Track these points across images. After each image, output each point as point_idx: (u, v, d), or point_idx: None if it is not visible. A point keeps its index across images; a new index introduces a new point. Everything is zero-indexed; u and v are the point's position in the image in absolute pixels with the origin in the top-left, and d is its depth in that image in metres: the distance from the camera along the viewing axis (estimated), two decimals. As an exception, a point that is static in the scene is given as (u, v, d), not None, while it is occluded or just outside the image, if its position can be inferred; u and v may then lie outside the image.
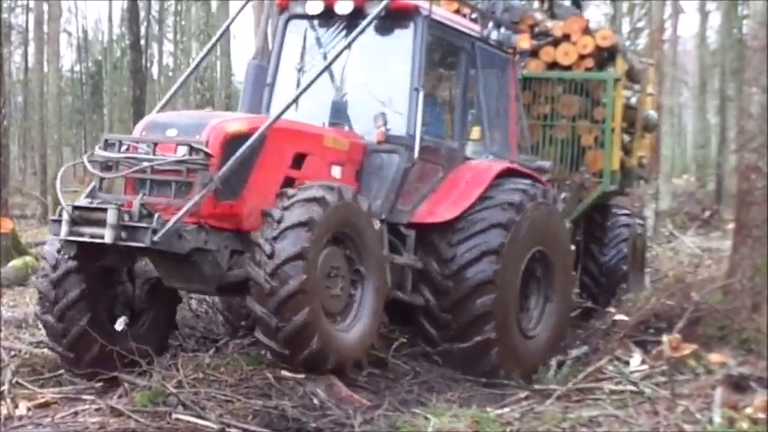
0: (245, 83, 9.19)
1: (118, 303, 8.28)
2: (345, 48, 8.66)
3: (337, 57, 8.59)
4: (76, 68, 48.53)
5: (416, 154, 8.66)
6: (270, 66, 9.47)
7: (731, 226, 10.93)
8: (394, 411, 7.60)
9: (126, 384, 7.63)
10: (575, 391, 7.70)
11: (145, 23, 36.93)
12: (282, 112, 8.01)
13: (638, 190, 19.06)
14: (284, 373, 7.58)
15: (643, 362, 8.16)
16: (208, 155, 7.40)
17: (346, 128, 8.96)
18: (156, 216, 7.19)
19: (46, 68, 30.83)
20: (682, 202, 27.11)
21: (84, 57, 48.36)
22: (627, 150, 12.48)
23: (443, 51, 9.64)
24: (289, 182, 8.04)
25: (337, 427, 7.16)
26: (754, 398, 6.66)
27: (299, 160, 8.21)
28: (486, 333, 8.68)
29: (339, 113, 9.05)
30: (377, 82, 9.20)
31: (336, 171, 8.51)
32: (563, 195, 10.96)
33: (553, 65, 11.86)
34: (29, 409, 7.51)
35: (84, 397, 7.64)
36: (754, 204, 8.76)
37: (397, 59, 9.08)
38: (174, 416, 6.88)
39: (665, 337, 7.79)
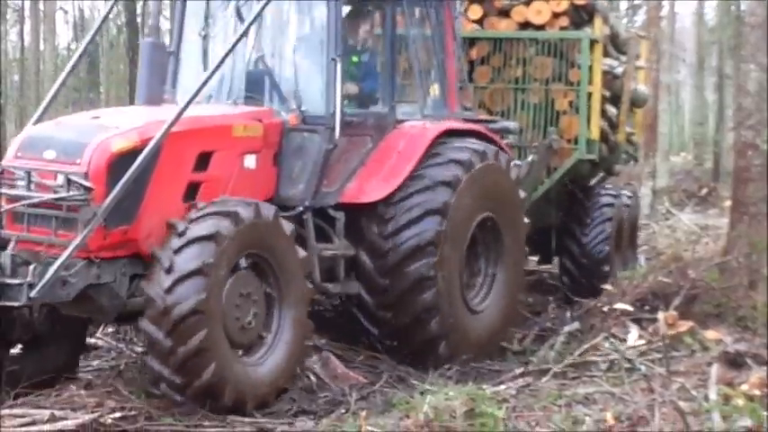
0: (141, 66, 7.89)
1: (16, 328, 7.26)
2: (256, 17, 7.62)
3: (247, 30, 7.57)
4: (73, 46, 48.35)
5: (337, 134, 7.77)
6: (173, 33, 8.54)
7: (728, 203, 10.93)
8: (390, 388, 7.61)
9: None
10: (570, 368, 7.72)
11: (141, 1, 36.77)
12: (179, 115, 6.89)
13: (635, 168, 18.98)
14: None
15: (641, 338, 8.17)
16: (88, 189, 6.50)
17: (265, 104, 8.00)
18: (32, 267, 6.31)
19: (42, 47, 30.68)
20: (679, 180, 27.05)
21: (81, 35, 48.14)
22: (612, 124, 11.78)
23: (365, 3, 8.66)
24: (193, 187, 7.19)
25: (333, 406, 7.17)
26: (750, 375, 6.67)
27: (204, 159, 7.26)
28: (425, 300, 8.02)
29: (255, 86, 8.06)
30: (291, 51, 8.27)
31: (250, 160, 7.62)
32: (530, 158, 10.33)
33: (526, 25, 11.02)
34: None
35: (81, 375, 7.62)
36: (750, 182, 8.75)
37: (311, 25, 8.21)
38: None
39: (660, 315, 7.80)
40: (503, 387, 7.32)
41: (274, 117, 7.85)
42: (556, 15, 10.91)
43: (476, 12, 11.06)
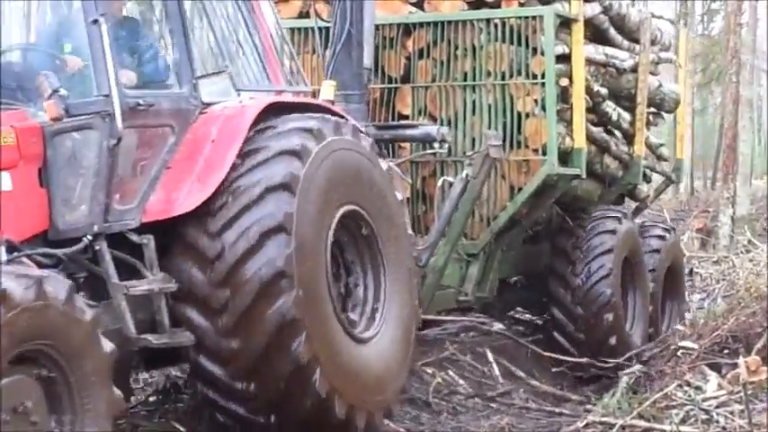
0: None
1: None
2: None
3: None
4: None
5: (120, 122, 6.25)
6: None
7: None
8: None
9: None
10: (639, 419, 7.59)
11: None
12: None
13: (713, 193, 18.83)
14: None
15: (720, 387, 8.08)
16: None
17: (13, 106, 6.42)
18: None
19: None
20: (762, 207, 26.89)
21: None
22: (627, 134, 10.62)
23: None
24: None
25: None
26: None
27: None
28: (281, 310, 6.44)
29: None
30: (37, 24, 7.03)
31: (5, 180, 6.11)
32: (464, 173, 8.89)
33: (478, 5, 9.50)
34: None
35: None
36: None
37: None
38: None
39: (741, 360, 7.72)
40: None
41: (29, 120, 6.33)
42: None
43: None
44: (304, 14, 9.65)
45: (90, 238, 6.28)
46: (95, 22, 6.31)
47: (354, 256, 7.32)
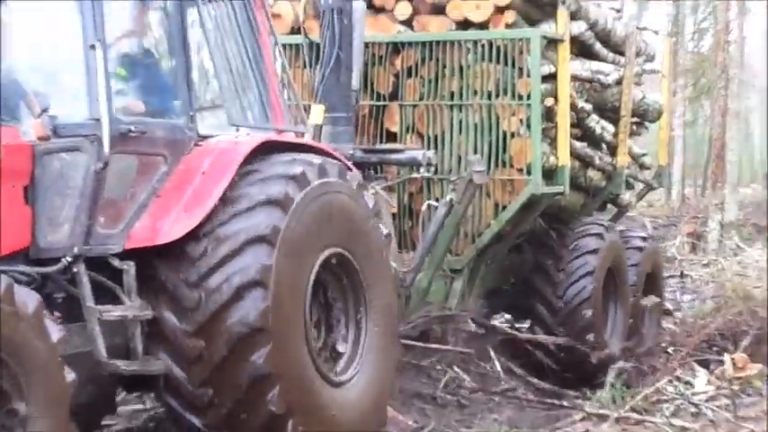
0: None
1: None
2: None
3: None
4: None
5: (107, 147, 6.10)
6: None
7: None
8: (441, 433, 7.78)
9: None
10: (632, 412, 7.77)
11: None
12: None
13: (702, 200, 18.99)
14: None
15: (709, 382, 8.26)
16: None
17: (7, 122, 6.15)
18: None
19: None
20: (749, 213, 27.08)
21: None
22: (610, 146, 10.52)
23: None
24: None
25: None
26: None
27: None
28: (256, 365, 6.24)
29: None
30: (34, 43, 6.65)
31: None
32: (448, 197, 8.82)
33: (466, 25, 9.40)
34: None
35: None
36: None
37: (60, 4, 6.51)
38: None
39: (728, 356, 7.91)
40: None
41: (20, 137, 6.12)
42: (500, 9, 9.28)
43: (404, 9, 9.50)
44: (295, 30, 9.45)
45: (69, 259, 6.08)
46: (92, 47, 6.15)
47: (338, 301, 7.09)
